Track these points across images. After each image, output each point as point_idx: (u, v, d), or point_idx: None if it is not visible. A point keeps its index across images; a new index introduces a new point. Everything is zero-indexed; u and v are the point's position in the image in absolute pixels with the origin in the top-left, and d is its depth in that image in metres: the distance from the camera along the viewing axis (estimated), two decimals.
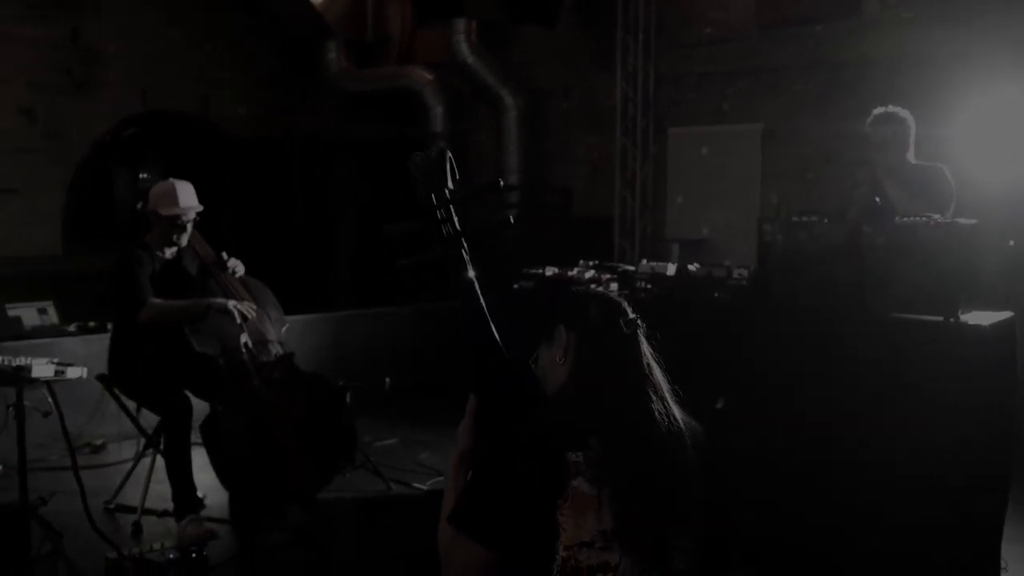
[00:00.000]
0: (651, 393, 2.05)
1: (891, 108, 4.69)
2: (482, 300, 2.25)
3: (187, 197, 4.69)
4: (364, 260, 9.85)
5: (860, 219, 4.23)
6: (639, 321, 2.12)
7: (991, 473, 3.92)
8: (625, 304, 2.16)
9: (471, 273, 2.26)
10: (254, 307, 4.79)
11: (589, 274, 4.87)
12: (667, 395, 2.08)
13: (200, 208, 4.73)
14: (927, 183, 4.52)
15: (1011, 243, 6.66)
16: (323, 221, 10.39)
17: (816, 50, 8.18)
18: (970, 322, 3.83)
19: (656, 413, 2.03)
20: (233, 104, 10.29)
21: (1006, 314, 4.02)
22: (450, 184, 2.31)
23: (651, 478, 1.99)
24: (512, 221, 2.46)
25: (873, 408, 3.88)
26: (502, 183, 2.39)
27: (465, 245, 2.31)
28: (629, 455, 1.96)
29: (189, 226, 4.70)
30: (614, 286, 4.77)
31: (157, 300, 4.55)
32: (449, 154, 2.33)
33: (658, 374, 2.10)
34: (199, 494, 4.66)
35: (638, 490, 1.96)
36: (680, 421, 2.06)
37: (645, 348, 2.11)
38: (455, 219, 2.30)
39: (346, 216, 10.31)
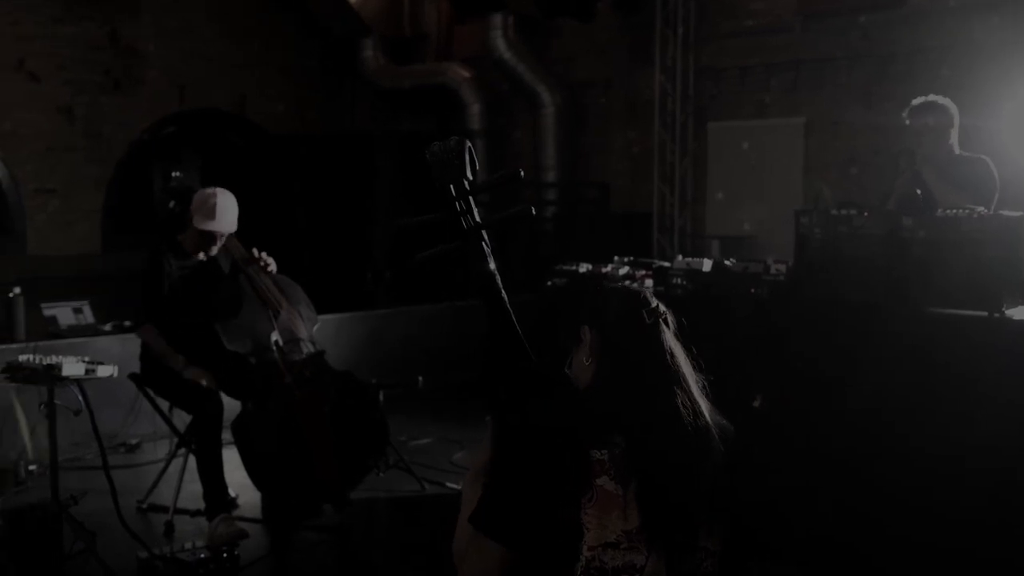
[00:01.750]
0: (675, 387, 1.98)
1: (931, 97, 4.58)
2: (504, 295, 2.19)
3: (225, 217, 4.66)
4: (402, 257, 9.83)
5: (899, 210, 4.13)
6: (661, 310, 2.04)
7: None
8: (647, 295, 2.08)
9: (492, 266, 2.19)
10: (282, 305, 4.76)
11: (624, 270, 4.80)
12: (693, 388, 2.00)
13: (234, 230, 4.71)
14: (970, 174, 4.41)
15: None
16: (360, 219, 10.39)
17: (861, 41, 8.01)
18: (1015, 317, 3.70)
19: (681, 407, 1.95)
20: (270, 102, 10.33)
21: None
22: (469, 175, 2.24)
23: (676, 474, 1.92)
24: (534, 212, 2.37)
25: (915, 404, 3.80)
26: (522, 173, 2.30)
27: (486, 237, 2.24)
28: (654, 451, 1.90)
29: (221, 241, 4.69)
30: (649, 282, 4.71)
31: (151, 331, 4.59)
32: (468, 143, 2.26)
33: (685, 366, 2.02)
34: (231, 493, 4.64)
35: (664, 487, 1.89)
36: (707, 415, 1.98)
37: (669, 339, 2.02)
38: (475, 211, 2.23)
39: (383, 214, 10.30)
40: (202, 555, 4.15)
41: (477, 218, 2.23)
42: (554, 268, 4.83)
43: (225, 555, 4.18)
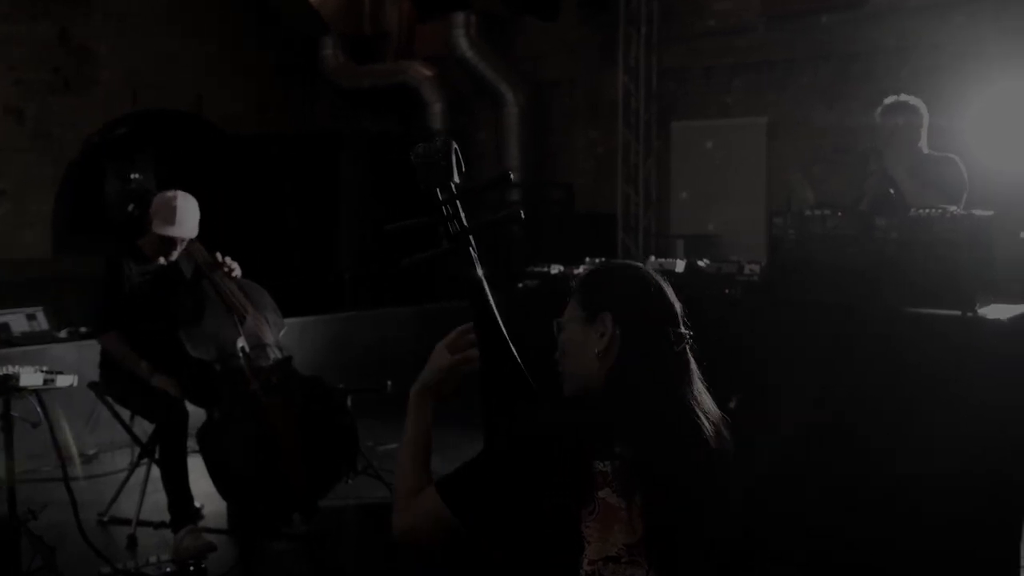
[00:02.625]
0: (694, 408, 1.91)
1: (903, 97, 4.60)
2: (492, 301, 2.12)
3: (186, 221, 4.54)
4: (366, 260, 9.71)
5: (872, 210, 4.13)
6: (687, 335, 1.96)
7: (1010, 469, 3.79)
8: (678, 310, 1.99)
9: (480, 272, 2.13)
10: (247, 310, 4.65)
11: None
12: (707, 410, 1.93)
13: (194, 235, 4.59)
14: (939, 174, 4.46)
15: (1023, 235, 6.54)
16: (322, 220, 10.24)
17: (824, 41, 8.03)
18: (989, 316, 3.70)
19: (703, 430, 1.89)
20: (227, 102, 10.15)
21: (1021, 308, 3.89)
22: (456, 177, 2.17)
23: (690, 492, 1.87)
24: (523, 216, 2.31)
25: (889, 404, 3.79)
26: (511, 176, 2.22)
27: (473, 242, 2.17)
28: (666, 468, 1.84)
29: (181, 246, 4.57)
30: None
31: (114, 338, 4.47)
32: (455, 145, 2.19)
33: (702, 392, 1.96)
34: (196, 504, 4.52)
35: (673, 504, 1.83)
36: (724, 434, 1.93)
37: (693, 366, 1.96)
38: (462, 214, 2.17)
39: (347, 215, 10.16)
40: (168, 569, 4.05)
41: (465, 222, 2.17)
42: (525, 270, 4.77)
43: (192, 569, 4.08)
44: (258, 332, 4.65)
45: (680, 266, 4.47)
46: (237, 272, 4.77)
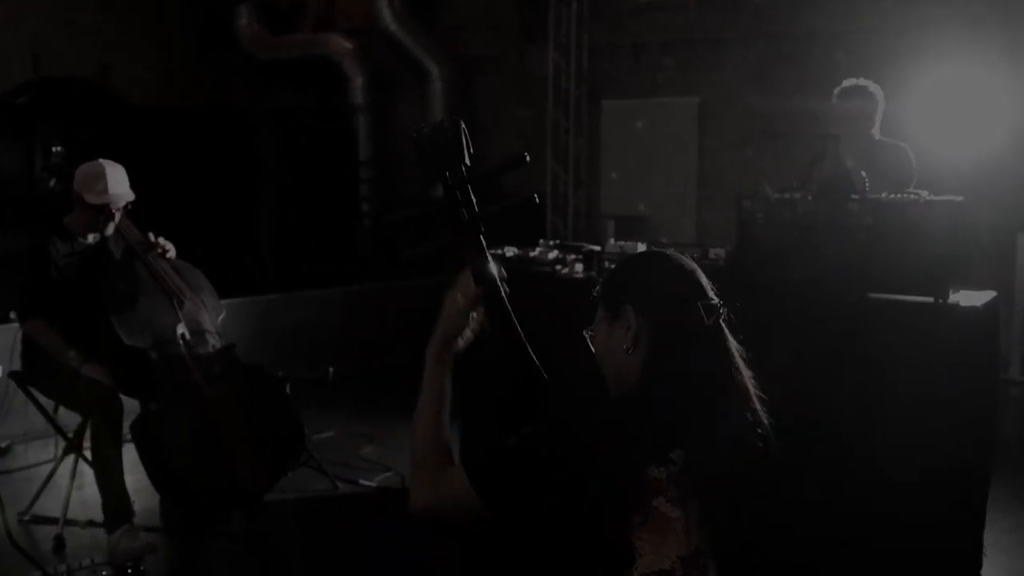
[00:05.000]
0: (741, 399, 1.78)
1: (861, 81, 4.60)
2: (505, 296, 1.95)
3: (118, 184, 4.23)
4: (286, 240, 9.37)
5: (820, 195, 4.08)
6: (719, 306, 1.82)
7: (975, 456, 3.81)
8: (703, 280, 1.85)
9: (493, 267, 1.96)
10: (184, 294, 4.36)
11: (552, 255, 4.59)
12: (756, 400, 1.81)
13: (132, 197, 4.27)
14: (889, 161, 4.47)
15: None
16: (239, 198, 9.84)
17: (754, 21, 8.02)
18: (961, 303, 3.68)
19: (749, 417, 1.76)
20: (137, 72, 9.63)
21: (990, 294, 3.89)
22: (467, 159, 1.99)
23: (742, 495, 1.75)
24: (537, 200, 2.13)
25: (861, 392, 3.74)
26: (527, 157, 2.06)
27: (483, 230, 2.00)
28: (720, 470, 1.71)
29: (118, 215, 4.25)
30: (579, 267, 4.51)
31: (41, 325, 4.14)
32: (463, 124, 2.00)
33: (746, 373, 1.81)
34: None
35: (731, 510, 1.72)
36: (770, 431, 1.80)
37: (732, 345, 1.82)
38: (473, 201, 1.98)
39: (264, 193, 9.78)
40: (103, 573, 3.79)
41: (476, 209, 1.99)
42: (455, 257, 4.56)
43: (130, 571, 3.82)
44: (197, 317, 4.36)
45: (642, 249, 4.34)
46: (172, 253, 4.47)
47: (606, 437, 1.69)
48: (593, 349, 1.89)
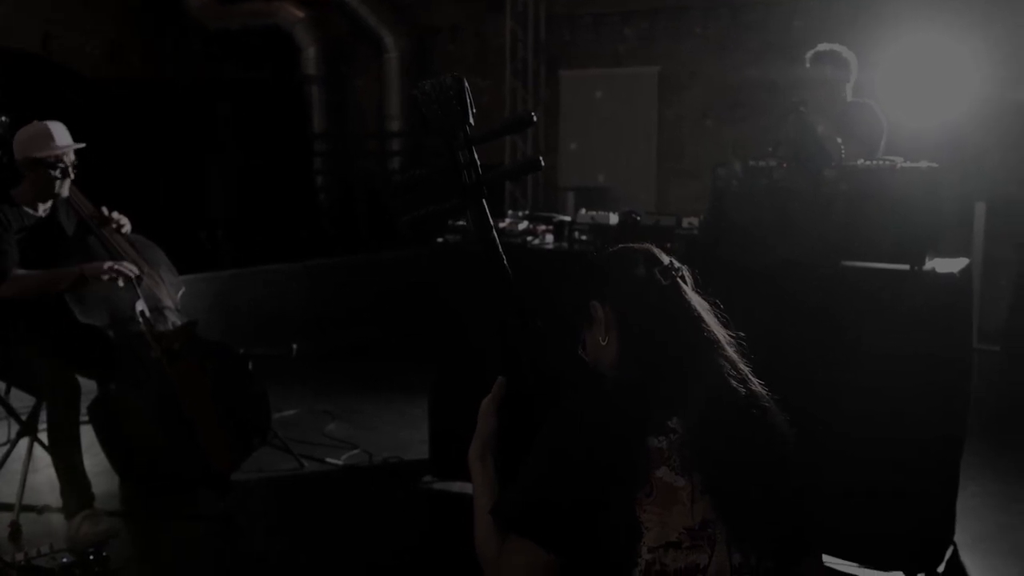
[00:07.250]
0: (714, 354, 1.76)
1: (834, 46, 4.56)
2: (506, 261, 1.88)
3: (64, 136, 4.07)
4: (241, 214, 9.15)
5: (791, 162, 4.04)
6: (676, 266, 1.83)
7: (948, 424, 3.80)
8: (654, 251, 1.87)
9: (496, 234, 1.88)
10: (141, 269, 4.20)
11: (522, 225, 4.50)
12: (732, 352, 1.77)
13: (80, 145, 4.09)
14: (858, 120, 4.46)
15: None
16: (190, 172, 9.59)
17: None
18: (937, 270, 3.66)
19: (727, 376, 1.74)
20: (81, 42, 9.32)
21: (964, 261, 3.88)
22: (471, 119, 1.89)
23: (744, 453, 1.71)
24: (542, 163, 2.06)
25: (837, 359, 3.70)
26: (534, 118, 1.97)
27: (487, 194, 1.91)
28: (713, 430, 1.68)
29: (71, 171, 4.06)
30: (549, 238, 4.43)
31: (21, 271, 3.92)
32: (465, 82, 1.91)
33: (717, 328, 1.81)
34: None
35: (734, 471, 1.68)
36: (755, 381, 1.78)
37: (694, 300, 1.82)
38: (478, 163, 1.89)
39: (216, 167, 9.53)
40: (64, 559, 3.60)
41: (480, 171, 1.91)
42: (447, 224, 4.47)
43: (92, 557, 3.65)
44: (156, 293, 4.21)
45: (613, 219, 4.27)
46: (127, 228, 4.30)
47: (601, 422, 1.68)
48: (587, 359, 1.89)
